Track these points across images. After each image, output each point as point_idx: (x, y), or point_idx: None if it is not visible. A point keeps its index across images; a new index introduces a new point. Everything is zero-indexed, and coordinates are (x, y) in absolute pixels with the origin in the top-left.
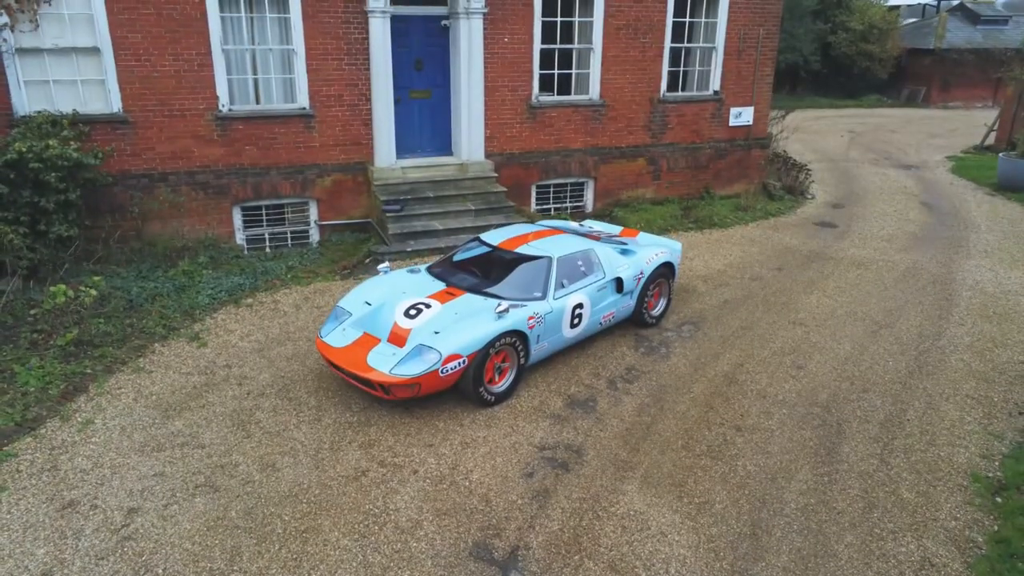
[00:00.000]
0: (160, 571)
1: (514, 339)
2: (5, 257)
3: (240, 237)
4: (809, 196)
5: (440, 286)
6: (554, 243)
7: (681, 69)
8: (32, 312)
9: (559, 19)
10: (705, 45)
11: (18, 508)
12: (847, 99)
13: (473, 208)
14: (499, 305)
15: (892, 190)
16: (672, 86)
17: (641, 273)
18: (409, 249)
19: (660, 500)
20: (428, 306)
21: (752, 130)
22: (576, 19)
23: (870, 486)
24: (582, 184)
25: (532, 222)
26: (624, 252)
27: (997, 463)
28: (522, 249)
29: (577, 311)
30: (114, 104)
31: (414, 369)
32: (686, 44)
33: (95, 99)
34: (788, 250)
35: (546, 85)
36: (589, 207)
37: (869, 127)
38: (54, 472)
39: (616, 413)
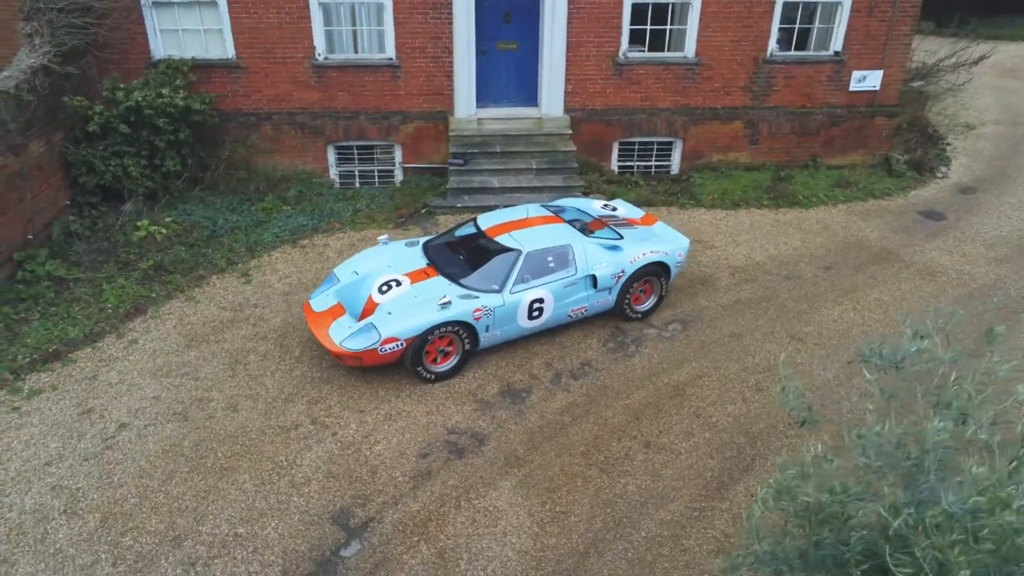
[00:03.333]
0: (115, 480)
1: (458, 328)
2: (128, 185)
3: (333, 173)
4: (939, 174)
5: (422, 264)
6: (535, 235)
7: (796, 27)
8: (128, 238)
9: None
10: (828, 0)
11: (55, 406)
12: None
13: (535, 167)
14: (443, 297)
15: None
16: (782, 45)
17: (622, 272)
18: (459, 205)
19: (525, 502)
20: (399, 283)
21: (878, 96)
22: None
23: (734, 532)
24: (670, 144)
25: (586, 194)
26: (611, 248)
27: None
28: (502, 238)
29: (536, 305)
30: (229, 51)
31: (357, 344)
32: None
33: (215, 46)
34: (858, 244)
35: (637, 41)
36: (675, 168)
37: None
38: (92, 381)
39: (541, 408)
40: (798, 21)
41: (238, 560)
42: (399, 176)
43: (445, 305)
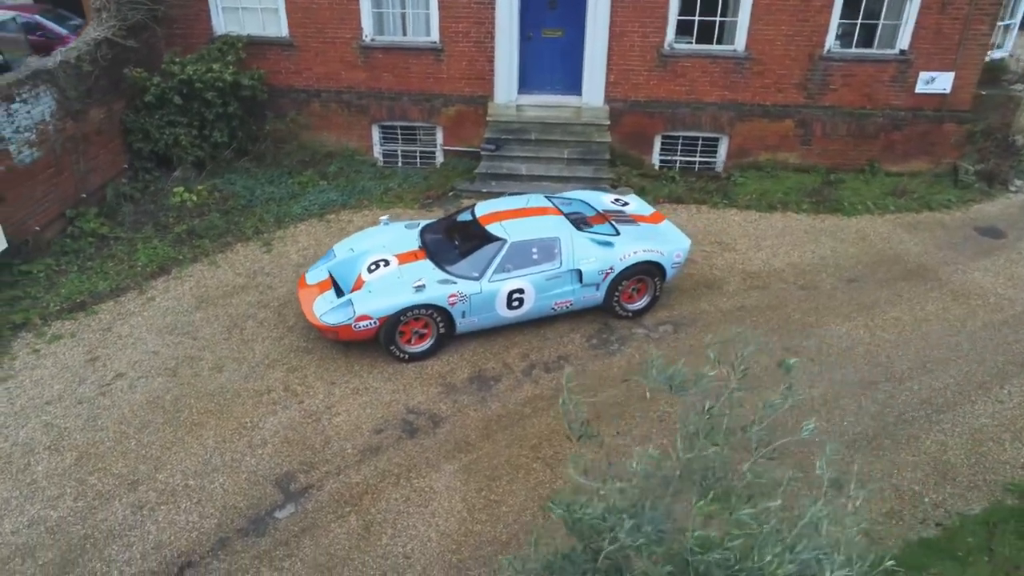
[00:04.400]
0: (99, 423)
1: (432, 311)
2: (179, 153)
3: (377, 151)
4: (1012, 188)
5: (415, 246)
6: (524, 225)
7: (858, 22)
8: (167, 203)
9: None
10: None
11: (68, 352)
12: None
13: (566, 156)
14: (417, 280)
15: None
16: (842, 41)
17: (611, 268)
18: (484, 190)
19: (462, 487)
20: (387, 263)
21: (948, 100)
22: None
23: None
24: (715, 140)
25: (614, 186)
26: (602, 244)
27: None
28: (491, 227)
29: (516, 295)
30: (283, 29)
31: (334, 319)
32: None
33: (271, 24)
34: (893, 258)
35: (685, 32)
36: (720, 165)
37: None
38: (106, 332)
39: (505, 398)
40: (860, 16)
41: (181, 509)
42: (440, 158)
43: (419, 288)
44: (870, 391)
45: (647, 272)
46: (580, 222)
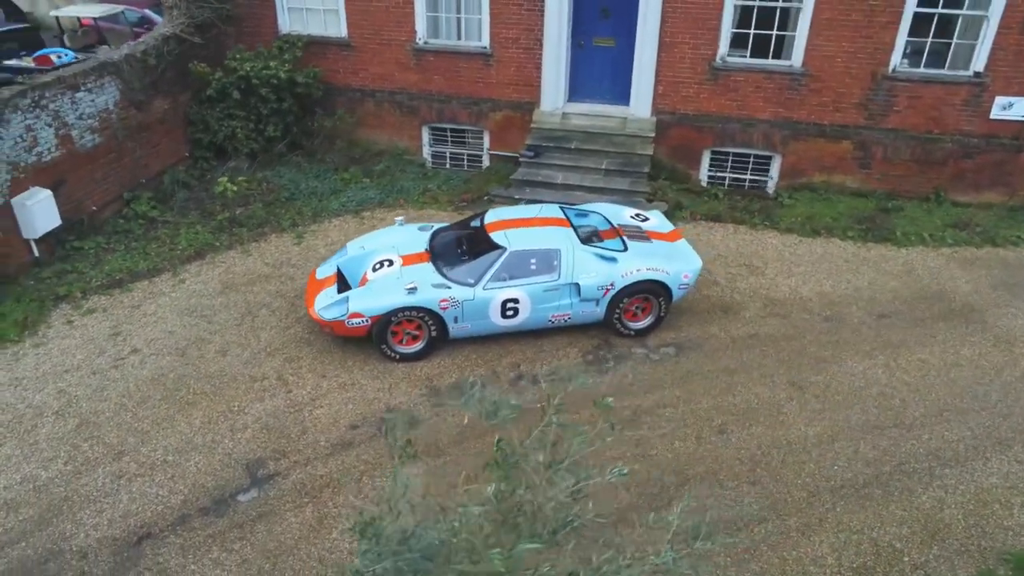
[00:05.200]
0: (104, 394)
1: (423, 314)
2: (235, 145)
3: (426, 152)
4: None
5: (422, 248)
6: (527, 235)
7: (928, 41)
8: (212, 192)
9: None
10: (971, 13)
11: (97, 325)
12: None
13: (604, 167)
14: (410, 283)
15: None
16: (910, 60)
17: (611, 284)
18: (517, 196)
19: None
20: (392, 263)
21: None
22: None
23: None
24: (767, 159)
25: (650, 200)
26: (606, 259)
27: None
28: (495, 234)
29: (510, 304)
30: (343, 30)
31: (330, 314)
32: (940, 9)
33: (332, 25)
34: (937, 295)
35: (738, 45)
36: (772, 185)
37: None
38: (134, 310)
39: None
40: (931, 35)
41: (155, 483)
42: (486, 162)
43: (411, 290)
44: (872, 435)
45: (651, 291)
46: (591, 235)
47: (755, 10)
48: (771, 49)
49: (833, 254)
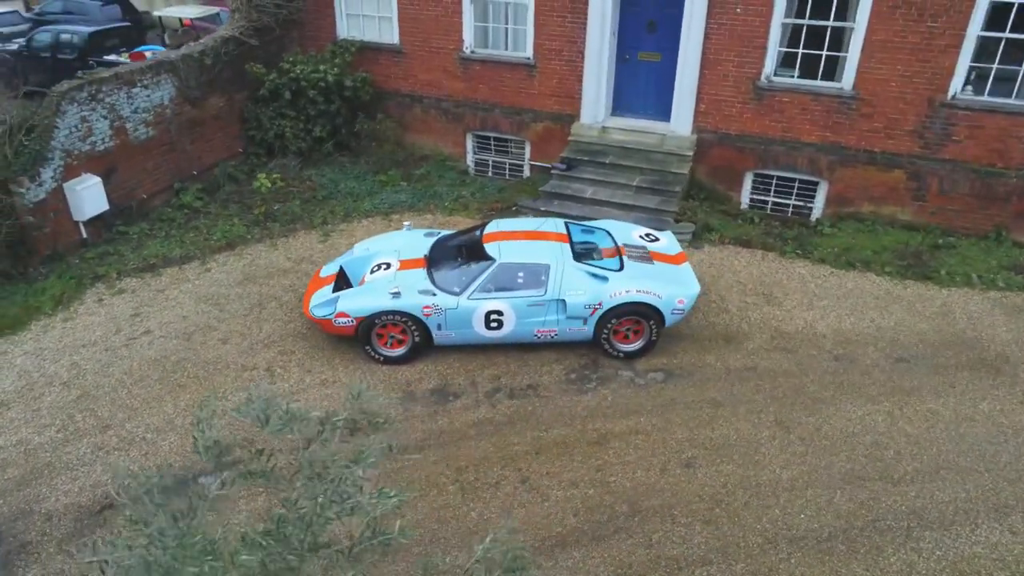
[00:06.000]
0: (110, 370)
1: (406, 319)
2: (284, 143)
3: (470, 159)
4: None
5: (421, 254)
6: (519, 248)
7: (993, 67)
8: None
9: None
10: None
11: (122, 306)
12: None
13: (636, 184)
14: (393, 287)
15: None
16: (974, 87)
17: (599, 304)
18: (542, 208)
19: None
20: (389, 267)
21: None
22: None
23: None
24: (813, 184)
25: (677, 220)
26: (597, 277)
27: None
28: (489, 245)
29: (494, 316)
30: (395, 37)
31: (319, 312)
32: (1007, 34)
33: (385, 32)
34: (970, 343)
35: (785, 65)
36: (818, 212)
37: None
38: (158, 293)
39: (457, 415)
40: (997, 60)
41: (130, 458)
42: (527, 172)
43: (395, 295)
44: (852, 486)
45: (642, 314)
46: (588, 252)
47: (804, 29)
48: (820, 70)
49: (864, 289)
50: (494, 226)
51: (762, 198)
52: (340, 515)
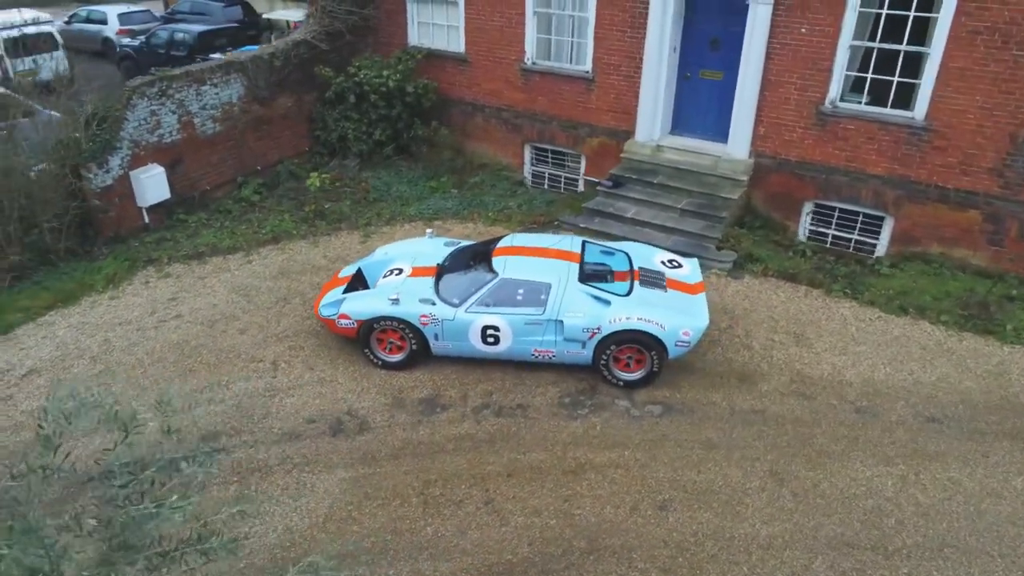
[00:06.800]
0: (134, 349)
1: (403, 326)
2: (346, 145)
3: (527, 170)
4: None
5: (435, 263)
6: (525, 265)
7: None
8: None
9: (884, 11)
10: None
11: (164, 289)
12: None
13: (681, 207)
14: (393, 294)
15: None
16: None
17: (598, 328)
18: (582, 225)
19: (339, 494)
20: (401, 272)
21: None
22: (911, 13)
23: None
24: (879, 219)
25: (719, 248)
26: (601, 301)
27: None
28: (497, 259)
29: (491, 331)
30: (461, 46)
31: (326, 312)
32: None
33: (453, 41)
34: (1020, 410)
35: (852, 90)
36: (882, 250)
37: None
38: (199, 280)
39: (440, 428)
40: None
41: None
42: (581, 186)
43: (394, 301)
44: (837, 553)
45: (643, 343)
46: (601, 274)
47: (875, 53)
48: (890, 98)
49: (912, 338)
50: (509, 240)
51: (822, 230)
52: (138, 519)
